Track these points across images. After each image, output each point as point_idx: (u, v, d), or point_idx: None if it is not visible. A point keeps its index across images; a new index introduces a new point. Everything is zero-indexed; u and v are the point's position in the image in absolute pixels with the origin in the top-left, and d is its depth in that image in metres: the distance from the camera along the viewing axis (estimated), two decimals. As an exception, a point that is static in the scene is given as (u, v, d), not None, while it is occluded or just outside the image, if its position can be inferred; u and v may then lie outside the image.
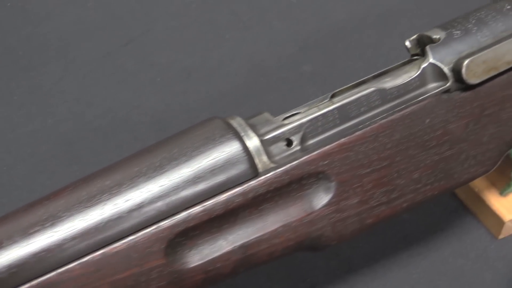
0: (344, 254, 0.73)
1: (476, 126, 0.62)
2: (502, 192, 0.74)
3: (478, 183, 0.75)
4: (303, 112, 0.60)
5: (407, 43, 0.65)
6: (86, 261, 0.52)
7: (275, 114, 0.59)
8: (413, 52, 0.65)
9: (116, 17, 1.00)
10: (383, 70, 0.64)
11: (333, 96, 0.62)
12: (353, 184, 0.59)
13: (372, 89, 0.60)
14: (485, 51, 0.61)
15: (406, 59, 0.65)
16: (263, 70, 0.91)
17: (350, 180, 0.58)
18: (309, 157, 0.57)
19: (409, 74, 0.62)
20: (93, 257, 0.52)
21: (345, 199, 0.59)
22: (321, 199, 0.58)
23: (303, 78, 0.90)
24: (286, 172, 0.56)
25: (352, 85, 0.63)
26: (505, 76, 0.63)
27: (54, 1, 1.02)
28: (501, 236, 0.75)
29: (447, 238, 0.75)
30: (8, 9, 1.00)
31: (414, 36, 0.65)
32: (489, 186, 0.75)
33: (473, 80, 0.60)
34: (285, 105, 0.62)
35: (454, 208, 0.77)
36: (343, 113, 0.59)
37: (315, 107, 0.60)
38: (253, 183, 0.55)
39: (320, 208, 0.58)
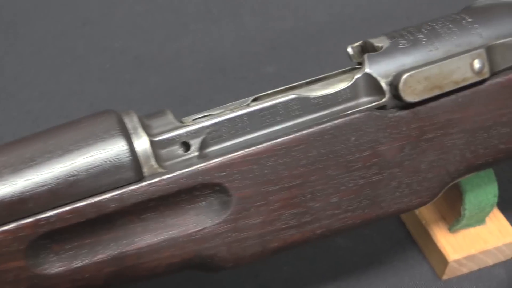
0: (264, 276, 0.66)
1: (413, 151, 0.54)
2: (451, 228, 0.66)
3: (427, 215, 0.67)
4: (215, 114, 0.53)
5: (349, 50, 0.57)
6: None
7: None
8: (356, 60, 0.57)
9: (79, -5, 0.94)
10: (319, 76, 0.56)
11: (255, 100, 0.54)
12: (255, 202, 0.51)
13: (292, 96, 0.52)
14: (429, 67, 0.53)
15: (348, 67, 0.57)
16: (222, 66, 0.84)
17: (253, 196, 0.51)
18: (204, 166, 0.49)
19: (342, 84, 0.54)
20: None
21: (244, 217, 0.51)
22: (216, 214, 0.51)
23: (263, 79, 0.82)
24: (174, 180, 0.49)
25: (280, 89, 0.55)
26: (452, 97, 0.54)
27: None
28: (444, 277, 0.67)
29: (384, 271, 0.67)
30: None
31: (358, 43, 0.58)
32: (438, 219, 0.67)
33: (411, 98, 0.52)
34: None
35: (399, 239, 0.69)
36: (254, 121, 0.52)
37: (229, 110, 0.53)
38: (133, 188, 0.48)
39: (213, 225, 0.51)
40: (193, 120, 0.53)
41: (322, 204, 0.53)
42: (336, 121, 0.52)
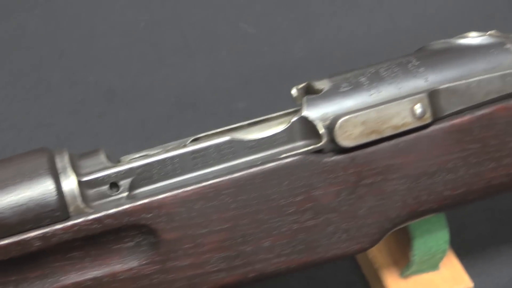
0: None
1: (351, 196, 0.53)
2: (403, 274, 0.65)
3: (380, 259, 0.66)
4: (150, 155, 0.53)
5: (293, 91, 0.57)
6: None
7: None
8: (299, 101, 0.56)
9: (60, 27, 0.94)
10: (261, 118, 0.56)
11: (194, 140, 0.54)
12: (184, 244, 0.51)
13: (225, 139, 0.52)
14: (367, 111, 0.52)
15: (292, 109, 0.57)
16: (193, 101, 0.84)
17: (181, 239, 0.51)
18: (130, 206, 0.49)
19: (279, 127, 0.53)
20: None
21: (172, 259, 0.51)
22: (144, 255, 0.51)
23: (233, 115, 0.82)
24: (99, 220, 0.49)
25: (220, 131, 0.55)
26: (392, 142, 0.54)
27: (2, 3, 0.97)
28: (395, 323, 0.65)
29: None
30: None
31: (303, 84, 0.57)
32: (390, 264, 0.66)
33: (347, 143, 0.52)
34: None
35: (353, 282, 0.68)
36: (185, 163, 0.52)
37: (165, 151, 0.53)
38: (58, 227, 0.48)
39: (141, 266, 0.51)
40: (130, 159, 0.53)
41: (253, 248, 0.52)
42: (267, 165, 0.52)
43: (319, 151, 0.53)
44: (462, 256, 0.67)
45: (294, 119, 0.53)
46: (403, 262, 0.65)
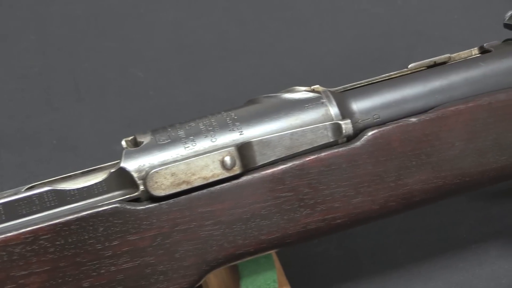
0: None
1: (166, 241, 0.58)
2: (238, 310, 0.69)
3: (219, 296, 0.70)
4: None
5: (123, 143, 0.62)
6: None
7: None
8: None
9: None
10: (89, 169, 0.61)
11: (30, 188, 0.59)
12: (6, 285, 0.55)
13: (46, 188, 0.57)
14: (177, 163, 0.57)
15: (116, 161, 0.62)
16: (75, 144, 0.89)
17: (4, 280, 0.55)
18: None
19: (100, 177, 0.58)
20: None
21: None
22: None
23: (112, 157, 0.86)
24: None
25: (54, 179, 0.60)
26: (204, 191, 0.59)
27: None
28: None
29: None
30: None
31: (131, 137, 0.62)
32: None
33: (158, 193, 0.57)
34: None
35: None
36: (11, 210, 0.56)
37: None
38: None
39: None
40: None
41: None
42: (82, 213, 0.56)
43: (136, 200, 0.58)
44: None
45: (113, 170, 0.58)
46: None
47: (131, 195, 0.58)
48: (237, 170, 0.58)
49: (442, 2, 1.14)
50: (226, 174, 0.58)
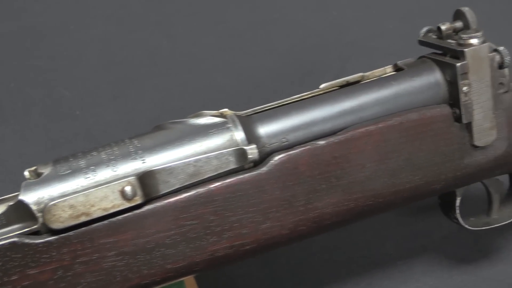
0: None
1: (68, 274, 0.57)
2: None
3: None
4: None
5: (26, 173, 0.61)
6: None
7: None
8: None
9: None
10: None
11: None
12: None
13: None
14: (75, 195, 0.56)
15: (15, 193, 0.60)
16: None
17: None
18: None
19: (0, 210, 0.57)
20: None
21: None
22: None
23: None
24: None
25: None
26: (105, 222, 0.58)
27: None
28: None
29: None
30: None
31: (34, 167, 0.61)
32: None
33: (57, 225, 0.56)
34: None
35: None
36: None
37: None
38: None
39: None
40: None
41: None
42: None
43: (36, 232, 0.57)
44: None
45: (11, 203, 0.57)
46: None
47: (31, 228, 0.57)
48: (138, 200, 0.57)
49: (377, 13, 1.13)
50: (127, 205, 0.57)
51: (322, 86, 0.67)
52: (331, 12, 1.14)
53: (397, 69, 0.70)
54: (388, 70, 0.70)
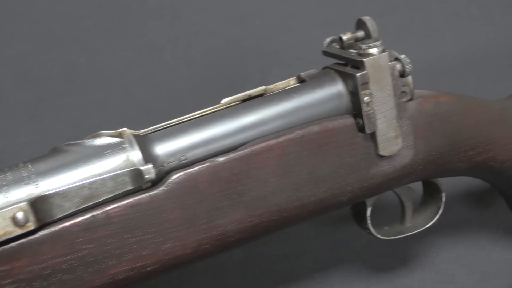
0: None
1: None
2: None
3: None
4: None
5: None
6: None
7: None
8: None
9: None
10: None
11: None
12: None
13: None
14: None
15: None
16: None
17: None
18: None
19: None
20: None
21: None
22: None
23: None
24: None
25: None
26: None
27: None
28: None
29: None
30: None
31: None
32: None
33: None
34: None
35: None
36: None
37: None
38: None
39: None
40: None
41: None
42: None
43: None
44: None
45: None
46: None
47: None
48: (31, 226, 0.56)
49: (300, 22, 1.13)
50: (19, 231, 0.56)
51: (223, 101, 0.67)
52: (254, 22, 1.13)
53: (301, 81, 0.69)
54: (292, 82, 0.70)
